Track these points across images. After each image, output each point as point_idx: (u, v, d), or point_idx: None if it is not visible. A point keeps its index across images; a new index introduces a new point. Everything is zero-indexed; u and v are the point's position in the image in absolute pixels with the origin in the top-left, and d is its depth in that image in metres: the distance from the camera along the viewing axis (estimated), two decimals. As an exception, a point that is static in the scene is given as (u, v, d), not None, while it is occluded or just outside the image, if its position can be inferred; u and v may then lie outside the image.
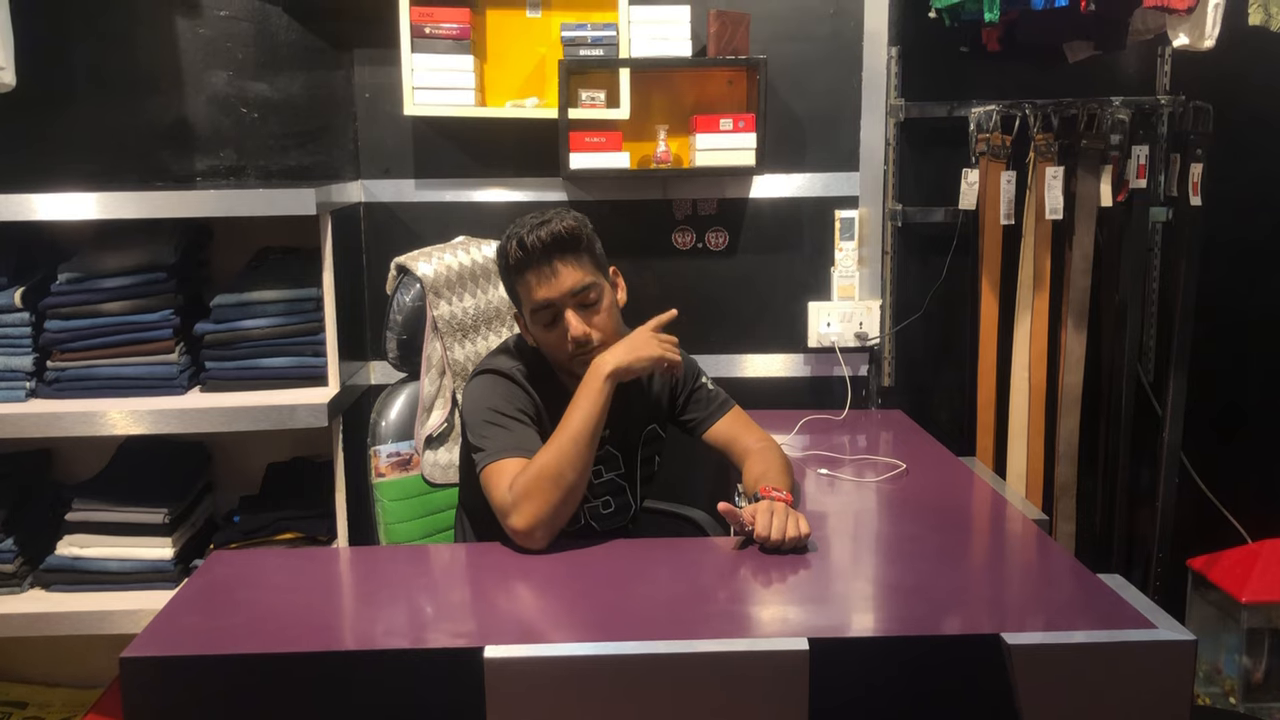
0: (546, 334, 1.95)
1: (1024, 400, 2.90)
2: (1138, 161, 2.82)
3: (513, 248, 1.91)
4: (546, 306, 1.92)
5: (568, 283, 1.91)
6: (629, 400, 2.10)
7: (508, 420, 1.91)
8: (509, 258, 1.93)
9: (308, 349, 2.54)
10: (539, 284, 1.91)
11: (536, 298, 1.92)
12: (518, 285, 1.95)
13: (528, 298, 1.94)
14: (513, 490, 1.79)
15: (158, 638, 1.53)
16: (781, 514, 1.80)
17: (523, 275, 1.92)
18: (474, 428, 1.94)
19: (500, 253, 1.97)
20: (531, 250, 1.89)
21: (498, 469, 1.85)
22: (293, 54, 2.79)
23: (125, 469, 2.68)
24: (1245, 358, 3.06)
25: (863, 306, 2.93)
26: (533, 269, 1.91)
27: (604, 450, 2.11)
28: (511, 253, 1.92)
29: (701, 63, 2.75)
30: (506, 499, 1.80)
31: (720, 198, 2.90)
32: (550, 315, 1.93)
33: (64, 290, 2.48)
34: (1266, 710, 2.79)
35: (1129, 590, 1.64)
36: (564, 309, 1.92)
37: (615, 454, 2.13)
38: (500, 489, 1.82)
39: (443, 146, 2.85)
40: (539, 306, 1.92)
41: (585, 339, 1.92)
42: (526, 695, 1.44)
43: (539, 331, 1.96)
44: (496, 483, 1.83)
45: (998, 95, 2.82)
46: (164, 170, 2.80)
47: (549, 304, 1.91)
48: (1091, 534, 3.00)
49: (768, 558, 1.79)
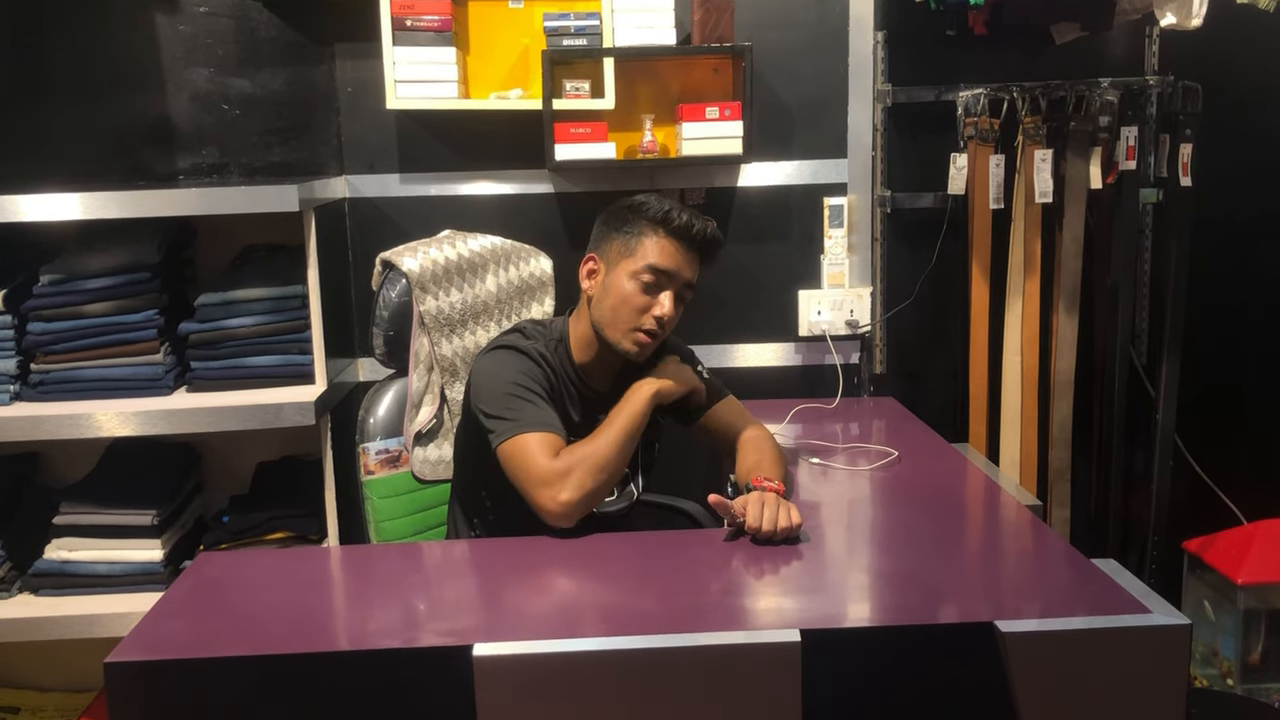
0: (638, 295, 1.97)
1: (1016, 385, 2.89)
2: (1127, 143, 2.80)
3: (681, 217, 1.97)
4: (665, 272, 1.97)
5: (689, 272, 2.01)
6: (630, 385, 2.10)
7: (532, 395, 1.93)
8: (670, 219, 1.97)
9: (294, 347, 2.52)
10: (675, 254, 1.98)
11: (664, 262, 1.97)
12: (649, 236, 1.98)
13: (652, 254, 1.97)
14: (559, 463, 1.80)
15: (143, 642, 1.51)
16: (773, 504, 1.80)
17: (665, 237, 1.97)
18: (493, 401, 1.93)
19: (647, 207, 2.00)
20: (694, 234, 1.99)
21: (525, 442, 1.85)
22: (274, 49, 2.77)
23: (113, 471, 2.65)
24: (1238, 338, 3.05)
25: (853, 294, 2.91)
26: (677, 241, 1.98)
27: None
28: (677, 218, 1.97)
29: (686, 51, 2.73)
30: (550, 469, 1.80)
31: (708, 187, 2.88)
32: (656, 282, 1.97)
33: (46, 292, 2.45)
34: (1264, 691, 2.78)
35: (1123, 575, 1.63)
36: (671, 287, 1.98)
37: None
38: (538, 461, 1.82)
39: (427, 140, 2.83)
40: (660, 269, 1.96)
41: (663, 322, 1.98)
42: (516, 693, 1.42)
43: (630, 288, 1.97)
44: (532, 454, 1.84)
45: (985, 79, 2.80)
46: (146, 169, 2.78)
47: (669, 273, 1.97)
48: (1086, 518, 3.00)
49: (760, 549, 1.77)
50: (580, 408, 2.08)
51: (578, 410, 2.08)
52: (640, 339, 1.99)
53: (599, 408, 2.10)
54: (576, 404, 2.08)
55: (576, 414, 2.07)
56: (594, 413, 2.10)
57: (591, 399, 2.09)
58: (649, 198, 2.02)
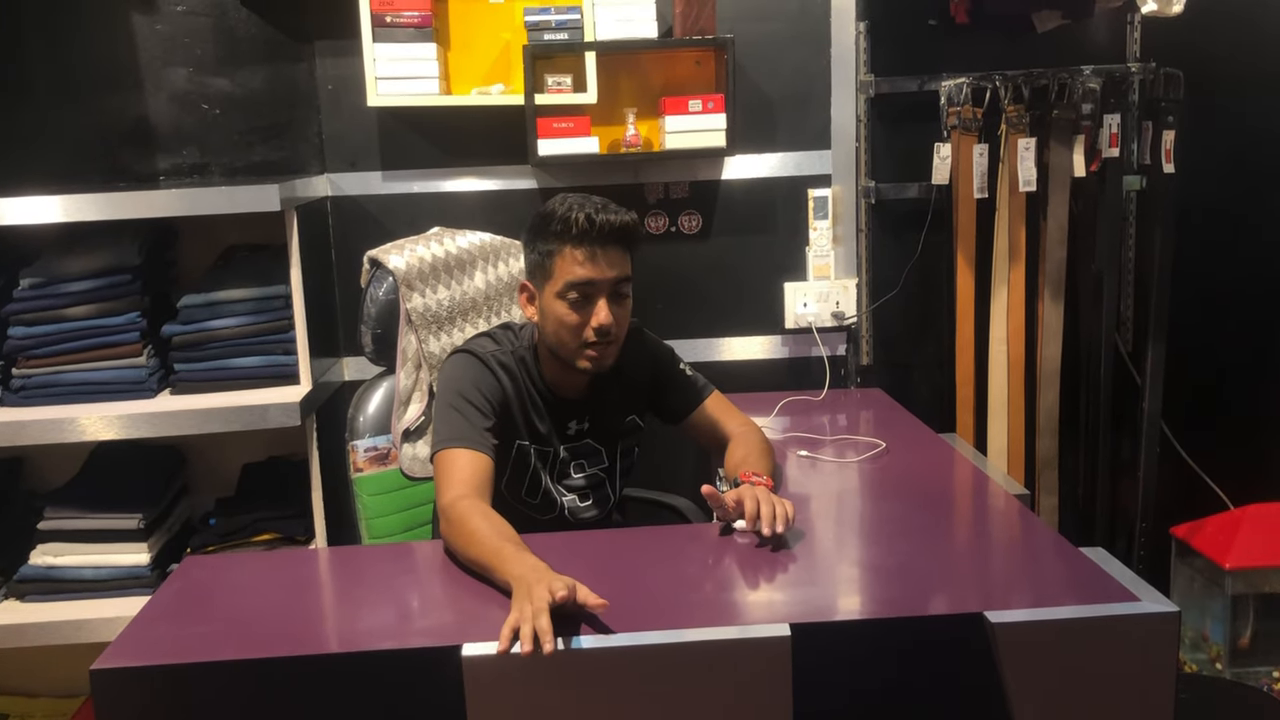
0: (569, 314, 1.89)
1: (1003, 374, 2.89)
2: (1110, 130, 2.80)
3: (579, 219, 1.85)
4: (585, 284, 1.88)
5: (613, 271, 1.89)
6: (609, 391, 2.09)
7: (469, 408, 1.89)
8: (569, 225, 1.86)
9: (278, 347, 2.50)
10: (589, 262, 1.87)
11: (579, 274, 1.87)
12: (559, 255, 1.88)
13: (568, 271, 1.87)
14: (454, 507, 1.74)
15: (129, 647, 1.50)
16: (766, 499, 1.78)
17: (573, 248, 1.87)
18: (438, 409, 1.93)
19: (550, 218, 1.89)
20: (600, 229, 1.86)
21: (447, 459, 1.84)
22: (253, 48, 2.75)
23: (97, 475, 2.64)
24: (1223, 324, 3.06)
25: (839, 285, 2.91)
26: (587, 246, 1.87)
27: (584, 444, 2.10)
28: (575, 222, 1.85)
29: (668, 44, 2.72)
30: (446, 505, 1.76)
31: (692, 180, 2.87)
32: (582, 296, 1.88)
33: (27, 296, 2.44)
34: (1253, 675, 2.79)
35: (1112, 563, 1.63)
36: (600, 295, 1.89)
37: (597, 447, 2.11)
38: (443, 490, 1.80)
39: (409, 137, 2.81)
40: (578, 283, 1.87)
41: (609, 328, 1.89)
42: (506, 692, 1.42)
43: (560, 309, 1.90)
44: (444, 476, 1.83)
45: (968, 68, 2.80)
46: (126, 170, 2.76)
47: (589, 283, 1.88)
48: (1074, 506, 3.00)
49: (748, 544, 1.77)
50: (547, 417, 2.03)
51: (544, 420, 2.02)
52: (590, 355, 1.92)
53: (572, 416, 2.06)
54: (542, 413, 2.02)
55: (543, 424, 2.02)
56: (565, 420, 2.06)
57: (560, 406, 2.04)
58: (555, 204, 1.91)
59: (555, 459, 2.06)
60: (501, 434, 1.94)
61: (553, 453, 2.06)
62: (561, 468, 2.08)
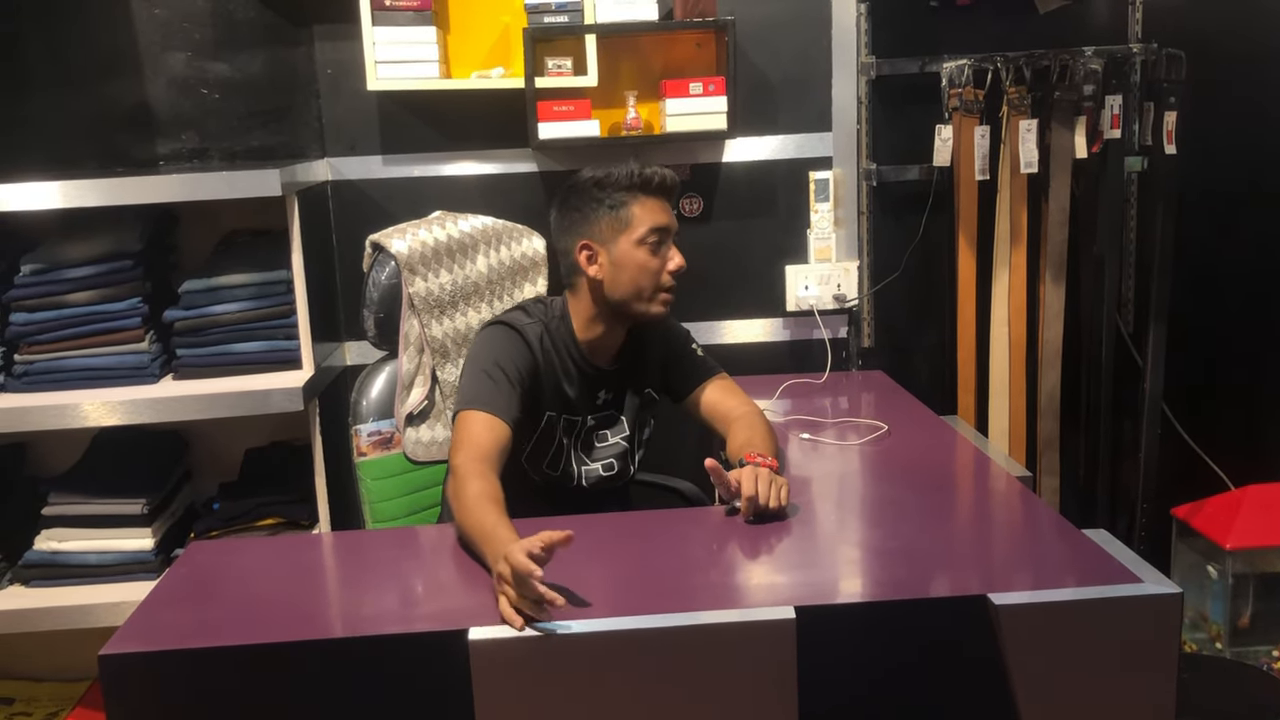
0: (650, 259, 2.02)
1: (1004, 356, 2.89)
2: (1111, 111, 2.80)
3: (652, 175, 2.03)
4: (664, 230, 2.04)
5: (675, 221, 2.09)
6: (635, 361, 2.15)
7: (499, 374, 1.95)
8: (646, 180, 2.02)
9: (280, 332, 2.50)
10: (661, 209, 2.05)
11: (661, 220, 2.04)
12: (635, 204, 2.02)
13: (649, 218, 2.02)
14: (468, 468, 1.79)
15: (137, 632, 1.51)
16: (766, 479, 1.80)
17: (648, 197, 2.03)
18: (466, 371, 2.00)
19: (615, 177, 2.03)
20: (665, 183, 2.05)
21: (466, 419, 1.90)
22: (252, 32, 2.73)
23: (101, 461, 2.64)
24: (1224, 305, 3.06)
25: (840, 268, 2.91)
26: (656, 197, 2.05)
27: (608, 413, 2.16)
28: (650, 177, 2.03)
29: (668, 26, 2.71)
30: (460, 467, 1.81)
31: (693, 163, 2.87)
32: (659, 241, 2.03)
33: (28, 282, 2.43)
34: (1252, 654, 2.81)
35: (1114, 544, 1.64)
36: (670, 241, 2.06)
37: (619, 417, 2.16)
38: (462, 450, 1.85)
39: (409, 121, 2.80)
40: (659, 228, 2.03)
41: (683, 269, 2.05)
42: (513, 676, 1.43)
43: (642, 256, 2.02)
44: (461, 435, 1.88)
45: (969, 49, 2.79)
46: (125, 155, 2.75)
47: (666, 229, 2.04)
48: (1076, 487, 3.01)
49: (752, 526, 1.78)
50: (579, 384, 2.09)
51: (574, 387, 2.08)
52: (665, 298, 2.06)
53: (602, 384, 2.12)
54: (574, 380, 2.09)
55: (573, 390, 2.08)
56: (595, 389, 2.12)
57: (593, 375, 2.11)
58: (609, 169, 2.04)
59: (582, 427, 2.13)
60: (530, 406, 2.00)
61: (580, 422, 2.12)
62: (587, 436, 2.14)
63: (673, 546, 1.78)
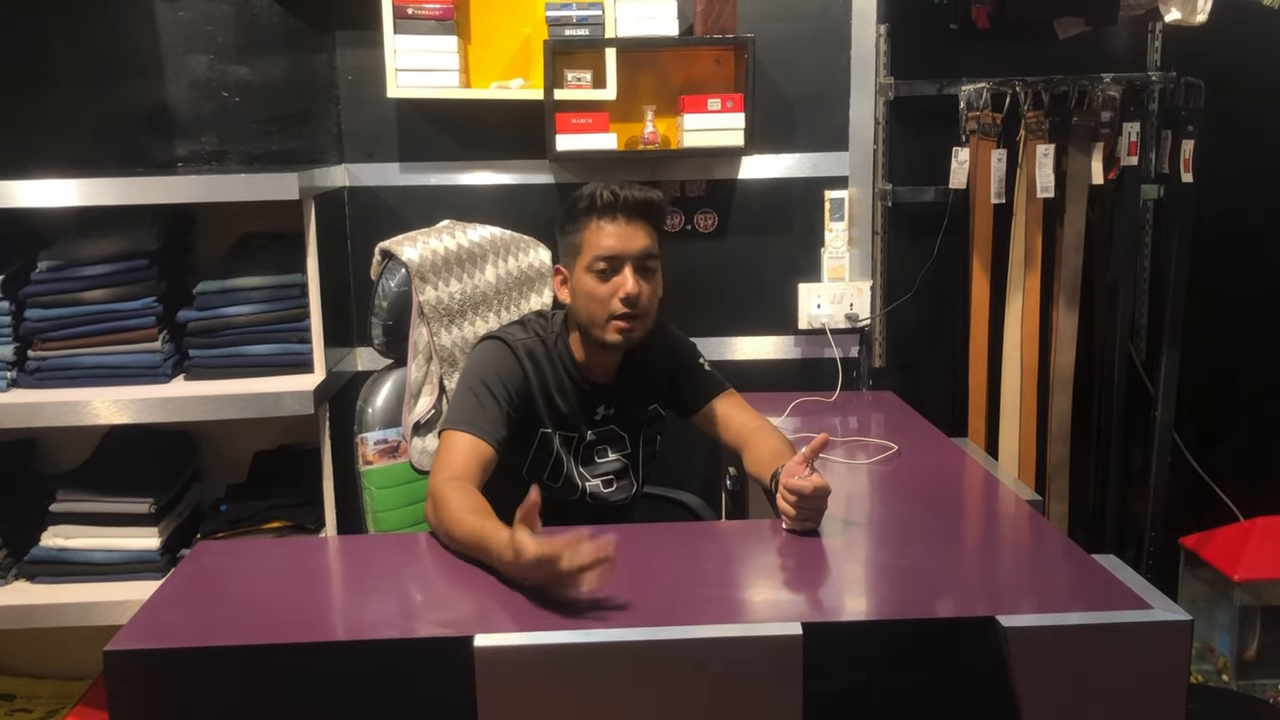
0: (598, 286, 1.96)
1: (1016, 380, 2.89)
2: (1129, 138, 2.80)
3: (603, 194, 1.95)
4: (612, 257, 1.95)
5: (639, 243, 1.96)
6: (635, 378, 2.13)
7: (486, 395, 1.94)
8: (595, 200, 1.95)
9: (293, 336, 2.51)
10: (615, 234, 1.95)
11: (605, 246, 1.95)
12: (587, 230, 1.97)
13: (595, 244, 1.95)
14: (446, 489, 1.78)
15: (142, 630, 1.50)
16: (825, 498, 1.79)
17: (599, 221, 1.96)
18: (457, 389, 2.00)
19: (578, 198, 1.98)
20: (622, 202, 1.95)
21: (450, 439, 1.90)
22: (274, 37, 2.75)
23: (110, 459, 2.65)
24: (1237, 335, 3.05)
25: (853, 287, 2.91)
26: (612, 219, 1.96)
27: (610, 429, 2.14)
28: (600, 197, 1.95)
29: (688, 42, 2.72)
30: (438, 486, 1.81)
31: (709, 179, 2.87)
32: (610, 269, 1.95)
33: (44, 279, 2.44)
34: (1259, 687, 2.79)
35: (1124, 570, 1.63)
36: (625, 266, 1.95)
37: (620, 434, 2.15)
38: (442, 470, 1.85)
39: (427, 129, 2.82)
40: (605, 255, 1.94)
41: (636, 299, 1.94)
42: (517, 684, 1.42)
43: (589, 282, 1.96)
44: (442, 455, 1.89)
45: (988, 73, 2.80)
46: (145, 156, 2.76)
47: (616, 256, 1.95)
48: (1084, 514, 3.00)
49: (760, 541, 1.78)
50: (575, 399, 2.08)
51: (569, 401, 2.07)
52: (619, 326, 1.96)
53: (600, 400, 2.11)
54: (569, 395, 2.07)
55: (566, 405, 2.07)
56: (594, 405, 2.11)
57: (590, 391, 2.09)
58: (583, 189, 2.00)
59: (581, 443, 2.11)
60: (522, 423, 2.00)
61: (578, 437, 2.10)
62: (587, 452, 2.13)
63: (681, 560, 1.78)
